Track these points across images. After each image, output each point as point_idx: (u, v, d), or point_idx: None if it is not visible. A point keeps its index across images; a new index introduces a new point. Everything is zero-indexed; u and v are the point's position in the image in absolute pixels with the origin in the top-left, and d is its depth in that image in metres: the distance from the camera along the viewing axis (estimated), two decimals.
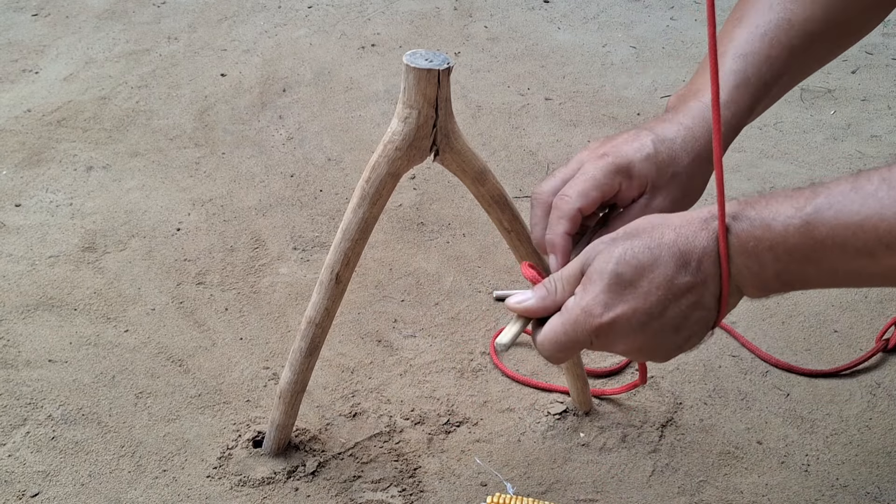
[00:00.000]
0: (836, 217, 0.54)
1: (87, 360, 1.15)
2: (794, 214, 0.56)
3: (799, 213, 0.56)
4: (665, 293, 0.60)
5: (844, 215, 0.54)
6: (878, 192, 0.53)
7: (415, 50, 0.78)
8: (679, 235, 0.60)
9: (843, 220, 0.54)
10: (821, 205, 0.55)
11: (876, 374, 1.17)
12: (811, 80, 2.01)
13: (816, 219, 0.55)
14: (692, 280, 0.60)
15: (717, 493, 1.00)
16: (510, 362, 1.18)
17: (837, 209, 0.54)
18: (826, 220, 0.55)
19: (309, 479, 0.99)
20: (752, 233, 0.58)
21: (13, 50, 2.01)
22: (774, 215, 0.57)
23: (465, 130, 1.75)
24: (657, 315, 0.61)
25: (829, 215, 0.55)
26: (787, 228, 0.56)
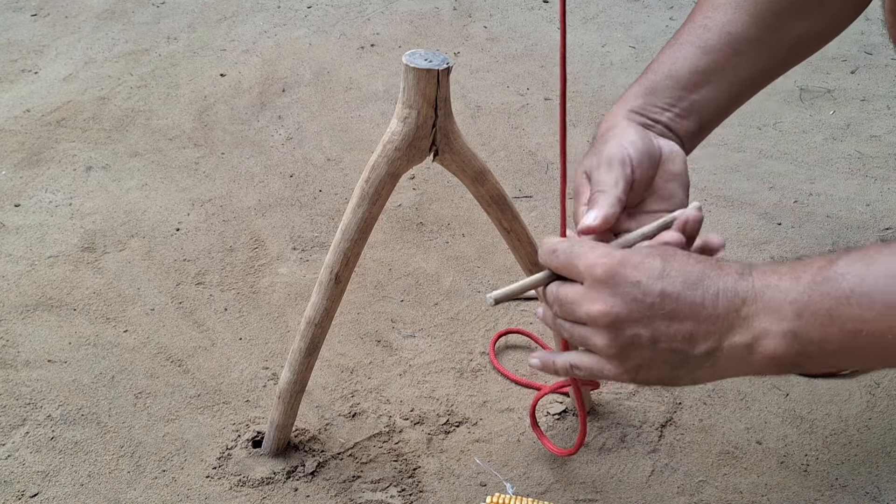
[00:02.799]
0: (867, 267, 0.52)
1: (86, 360, 1.15)
2: (825, 265, 0.54)
3: (829, 265, 0.54)
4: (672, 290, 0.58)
5: (876, 267, 0.52)
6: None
7: (414, 50, 0.78)
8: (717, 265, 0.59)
9: (874, 271, 0.52)
10: (852, 257, 0.54)
11: (875, 374, 1.17)
12: (811, 80, 2.02)
13: (846, 269, 0.53)
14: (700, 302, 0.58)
15: (717, 493, 1.00)
16: (509, 363, 1.18)
17: (869, 261, 0.53)
18: (856, 272, 0.53)
19: (308, 479, 0.99)
20: (778, 284, 0.55)
21: (12, 50, 2.01)
22: (805, 267, 0.55)
23: (465, 130, 1.75)
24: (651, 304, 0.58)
25: (860, 266, 0.53)
26: (815, 279, 0.54)
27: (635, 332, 0.59)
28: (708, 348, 0.58)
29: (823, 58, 2.15)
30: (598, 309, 0.60)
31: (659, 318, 0.58)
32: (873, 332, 0.52)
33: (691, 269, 0.59)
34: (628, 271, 0.59)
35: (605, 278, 0.60)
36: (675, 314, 0.58)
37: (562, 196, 0.75)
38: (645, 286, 0.58)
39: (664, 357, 0.60)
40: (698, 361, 0.59)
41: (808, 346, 0.55)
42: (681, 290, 0.58)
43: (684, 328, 0.58)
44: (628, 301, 0.59)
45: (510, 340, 1.22)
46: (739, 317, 0.56)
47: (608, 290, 0.60)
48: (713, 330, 0.57)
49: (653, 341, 0.59)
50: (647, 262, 0.59)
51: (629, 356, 0.61)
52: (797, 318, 0.54)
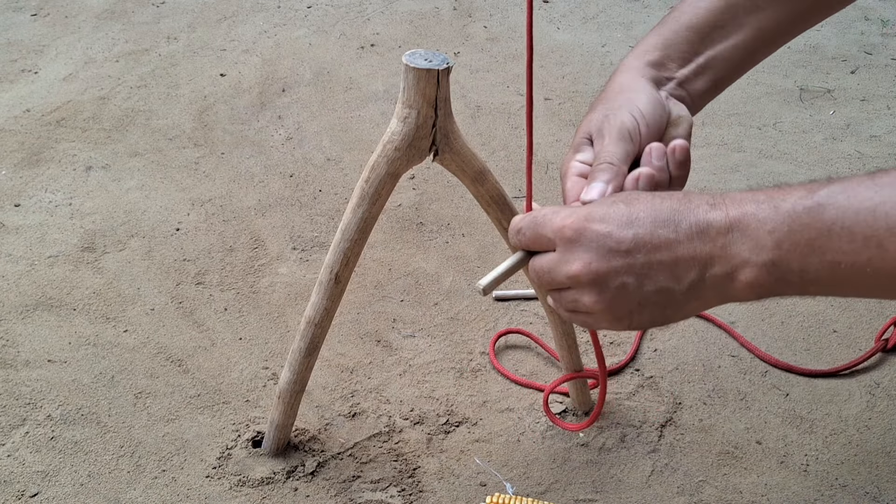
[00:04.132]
0: (849, 200, 0.52)
1: (86, 360, 1.15)
2: (806, 195, 0.54)
3: (810, 195, 0.53)
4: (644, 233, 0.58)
5: (857, 200, 0.51)
6: (893, 186, 0.51)
7: (414, 50, 0.78)
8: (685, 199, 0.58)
9: (856, 204, 0.51)
10: (834, 189, 0.53)
11: (875, 373, 1.17)
12: (811, 80, 2.02)
13: (827, 201, 0.52)
14: (673, 238, 0.57)
15: (717, 493, 1.00)
16: (509, 363, 1.18)
17: (850, 193, 0.52)
18: (838, 203, 0.52)
19: (308, 479, 0.99)
20: (756, 213, 0.55)
21: (12, 50, 2.01)
22: (784, 196, 0.55)
23: (465, 130, 1.75)
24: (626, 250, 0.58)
25: (842, 198, 0.52)
26: (795, 209, 0.53)
27: (620, 282, 0.59)
28: (691, 282, 0.58)
29: (823, 58, 2.15)
30: (577, 268, 0.60)
31: (639, 263, 0.58)
32: (853, 263, 0.52)
33: (658, 207, 0.58)
34: (596, 225, 0.59)
35: (575, 237, 0.60)
36: (653, 256, 0.58)
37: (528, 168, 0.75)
38: (616, 235, 0.58)
39: (653, 299, 0.59)
40: (685, 297, 0.59)
41: (787, 275, 0.55)
42: (652, 230, 0.57)
43: (665, 266, 0.58)
44: (604, 253, 0.59)
45: (510, 340, 1.22)
46: (717, 247, 0.56)
47: (582, 248, 0.59)
48: (693, 263, 0.57)
49: (639, 286, 0.59)
50: (612, 212, 0.59)
51: (619, 306, 0.60)
52: (777, 247, 0.54)
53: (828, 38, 2.26)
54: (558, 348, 1.02)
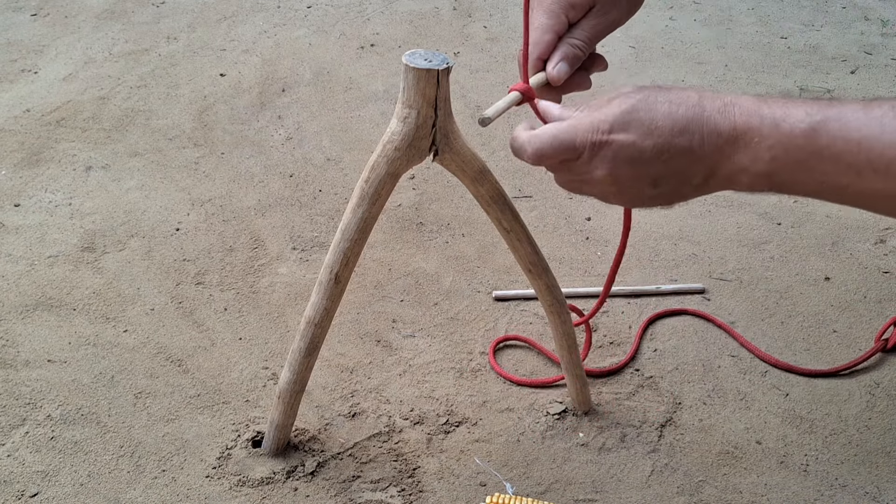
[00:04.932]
0: (840, 130, 0.57)
1: (86, 360, 1.15)
2: (804, 118, 0.59)
3: (808, 119, 0.59)
4: (663, 143, 0.63)
5: (847, 130, 0.57)
6: (883, 118, 0.56)
7: (414, 50, 0.78)
8: (700, 104, 0.63)
9: (844, 134, 0.57)
10: (830, 115, 0.58)
11: (875, 373, 1.17)
12: (811, 80, 2.02)
13: (822, 128, 0.58)
14: (688, 146, 0.63)
15: (717, 493, 1.00)
16: (509, 363, 1.18)
17: (843, 123, 0.57)
18: (831, 131, 0.58)
19: (308, 479, 0.99)
20: (760, 129, 0.61)
21: (12, 50, 2.01)
22: (785, 116, 0.60)
23: (465, 130, 1.75)
24: (647, 159, 0.64)
25: (835, 126, 0.58)
26: (793, 131, 0.59)
27: (638, 183, 0.66)
28: (698, 182, 0.65)
29: (823, 58, 2.15)
30: (602, 174, 0.67)
31: (656, 165, 0.65)
32: (835, 183, 0.59)
33: (675, 116, 0.63)
34: (620, 136, 0.65)
35: (602, 146, 0.66)
36: (670, 162, 0.64)
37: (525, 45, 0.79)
38: (639, 145, 0.64)
39: (664, 193, 0.67)
40: (691, 191, 0.67)
41: (779, 184, 0.62)
42: (670, 139, 0.63)
43: (679, 171, 0.65)
44: (627, 161, 0.65)
45: (509, 341, 1.22)
46: (723, 155, 0.63)
47: (608, 157, 0.66)
48: (701, 168, 0.64)
49: (654, 185, 0.66)
50: (634, 120, 0.64)
51: (635, 197, 0.68)
52: (772, 161, 0.61)
53: (828, 38, 2.26)
54: (558, 348, 1.02)
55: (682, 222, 1.49)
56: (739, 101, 0.63)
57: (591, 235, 1.45)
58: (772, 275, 1.37)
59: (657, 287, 1.32)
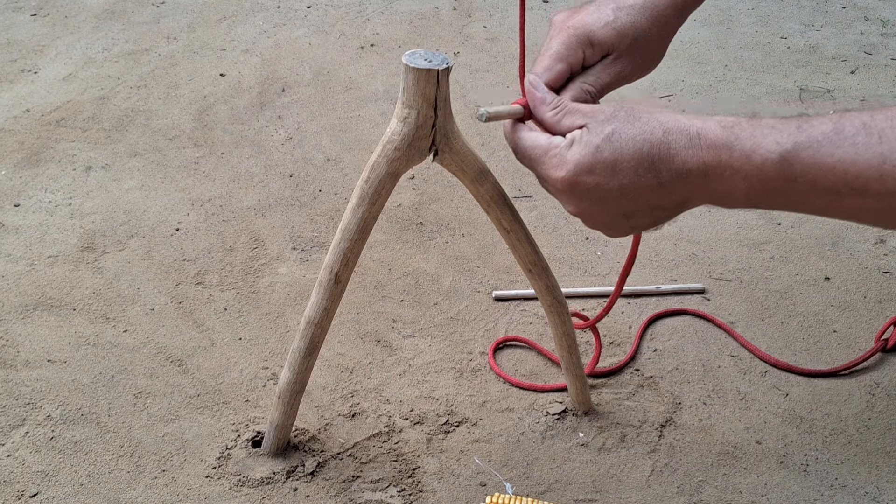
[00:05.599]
0: (812, 157, 0.57)
1: (86, 360, 1.15)
2: (774, 150, 0.59)
3: (778, 149, 0.58)
4: (629, 183, 0.64)
5: (820, 156, 0.57)
6: (855, 138, 0.56)
7: (414, 50, 0.78)
8: (665, 140, 0.63)
9: (818, 161, 0.57)
10: (801, 143, 0.58)
11: (875, 373, 1.17)
12: (811, 80, 2.02)
13: (794, 157, 0.58)
14: (656, 183, 0.64)
15: (716, 493, 1.00)
16: (509, 363, 1.18)
17: (815, 150, 0.57)
18: (802, 160, 0.58)
19: (308, 479, 0.99)
20: (730, 163, 0.61)
21: (12, 50, 2.01)
22: (755, 147, 0.59)
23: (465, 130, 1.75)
24: (615, 198, 0.65)
25: (807, 155, 0.57)
26: (765, 163, 0.59)
27: (609, 219, 0.68)
28: (676, 207, 0.66)
29: (823, 58, 2.15)
30: (571, 210, 0.69)
31: (625, 203, 0.66)
32: (815, 206, 0.60)
33: (640, 155, 0.63)
34: (584, 178, 0.65)
35: (567, 190, 0.67)
36: (640, 199, 0.65)
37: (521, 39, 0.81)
38: (604, 187, 0.65)
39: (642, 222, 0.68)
40: (670, 215, 0.68)
41: (758, 204, 0.63)
42: (636, 178, 0.64)
43: (650, 205, 0.66)
44: (594, 201, 0.67)
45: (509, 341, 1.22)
46: (695, 187, 0.63)
47: (574, 197, 0.67)
48: (674, 199, 0.65)
49: (627, 217, 0.68)
50: (598, 163, 0.65)
51: (611, 230, 0.70)
52: (749, 190, 0.61)
53: (827, 38, 2.26)
54: (558, 348, 1.02)
55: (682, 222, 1.49)
56: (706, 131, 0.62)
57: (591, 235, 1.45)
58: (772, 275, 1.37)
59: (657, 287, 1.32)
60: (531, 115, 0.75)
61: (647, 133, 0.63)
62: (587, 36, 0.76)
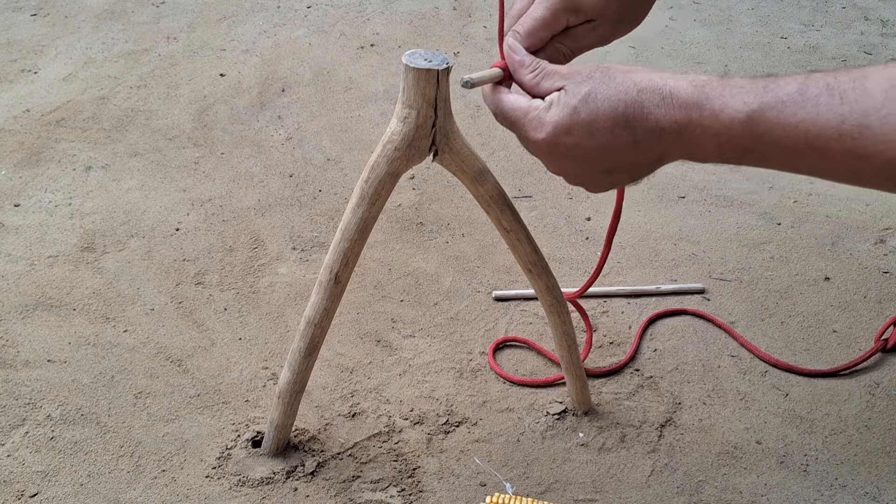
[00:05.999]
0: (777, 117, 0.59)
1: (86, 360, 1.15)
2: (741, 109, 0.60)
3: (745, 108, 0.60)
4: (606, 141, 0.66)
5: (784, 116, 0.59)
6: (818, 98, 0.57)
7: (414, 50, 0.78)
8: (638, 100, 0.65)
9: (782, 120, 0.59)
10: (766, 103, 0.60)
11: (875, 373, 1.17)
12: None
13: (759, 117, 0.60)
14: (631, 140, 0.66)
15: (716, 493, 1.00)
16: (509, 363, 1.18)
17: (779, 110, 0.59)
18: (767, 119, 0.59)
19: (308, 479, 0.99)
20: (700, 122, 0.62)
21: (12, 50, 2.01)
22: (723, 107, 0.61)
23: (465, 130, 1.75)
24: (594, 157, 0.67)
25: (771, 115, 0.59)
26: (732, 122, 0.61)
27: (589, 175, 0.70)
28: (650, 163, 0.68)
29: (823, 58, 2.15)
30: (553, 169, 0.72)
31: (604, 160, 0.68)
32: (781, 164, 0.62)
33: (616, 114, 0.65)
34: (563, 139, 0.67)
35: (548, 150, 0.69)
36: (617, 155, 0.67)
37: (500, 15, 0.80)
38: (583, 146, 0.67)
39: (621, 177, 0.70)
40: (647, 170, 0.70)
41: (729, 159, 0.65)
42: (612, 138, 0.66)
43: (627, 161, 0.68)
44: (574, 160, 0.69)
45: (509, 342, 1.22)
46: (668, 146, 0.65)
47: (555, 157, 0.69)
48: (649, 156, 0.67)
49: (607, 173, 0.70)
50: (576, 124, 0.67)
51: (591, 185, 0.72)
52: (718, 148, 0.63)
53: (827, 38, 2.26)
54: (558, 348, 1.02)
55: (682, 222, 1.50)
56: (678, 90, 0.64)
57: (590, 235, 1.45)
58: (772, 275, 1.37)
59: (657, 287, 1.32)
60: (510, 77, 0.76)
61: (621, 93, 0.65)
62: (574, 3, 0.78)
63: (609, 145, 0.66)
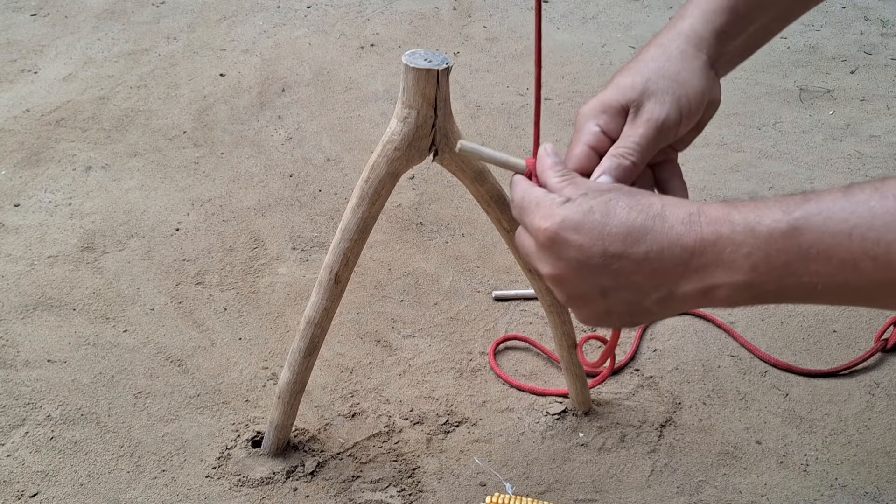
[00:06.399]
0: (825, 223, 0.51)
1: (85, 360, 1.15)
2: (782, 218, 0.53)
3: (786, 217, 0.53)
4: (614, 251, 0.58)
5: (833, 222, 0.51)
6: (869, 201, 0.51)
7: (414, 50, 0.78)
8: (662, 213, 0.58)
9: (832, 227, 0.51)
10: (810, 210, 0.52)
11: (875, 373, 1.17)
12: (811, 80, 2.01)
13: (804, 224, 0.52)
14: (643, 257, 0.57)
15: (716, 493, 1.00)
16: (509, 363, 1.18)
17: (826, 215, 0.52)
18: (814, 227, 0.52)
19: (308, 479, 0.99)
20: (732, 237, 0.54)
21: (12, 50, 2.01)
22: (760, 219, 0.54)
23: (465, 130, 1.75)
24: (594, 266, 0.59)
25: (818, 221, 0.52)
26: (772, 233, 0.53)
27: (584, 291, 0.61)
28: (660, 297, 0.58)
29: (823, 58, 2.15)
30: (546, 271, 0.62)
31: (605, 276, 0.59)
32: (828, 284, 0.52)
33: (633, 223, 0.58)
34: (569, 235, 0.59)
35: (549, 244, 0.61)
36: (621, 271, 0.58)
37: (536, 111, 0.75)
38: (587, 249, 0.59)
39: (618, 308, 0.61)
40: (653, 307, 0.59)
41: (763, 294, 0.55)
42: (623, 249, 0.58)
43: (632, 282, 0.58)
44: (573, 264, 0.60)
45: (509, 341, 1.22)
46: (689, 269, 0.56)
47: (553, 255, 0.61)
48: (663, 282, 0.57)
49: (603, 296, 0.60)
50: (586, 222, 0.59)
51: (584, 308, 0.62)
52: (752, 270, 0.54)
53: (827, 38, 2.26)
54: (558, 348, 1.02)
55: None
56: (706, 209, 0.56)
57: None
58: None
59: None
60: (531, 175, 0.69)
61: (644, 204, 0.58)
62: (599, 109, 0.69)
63: (614, 255, 0.58)
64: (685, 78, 0.69)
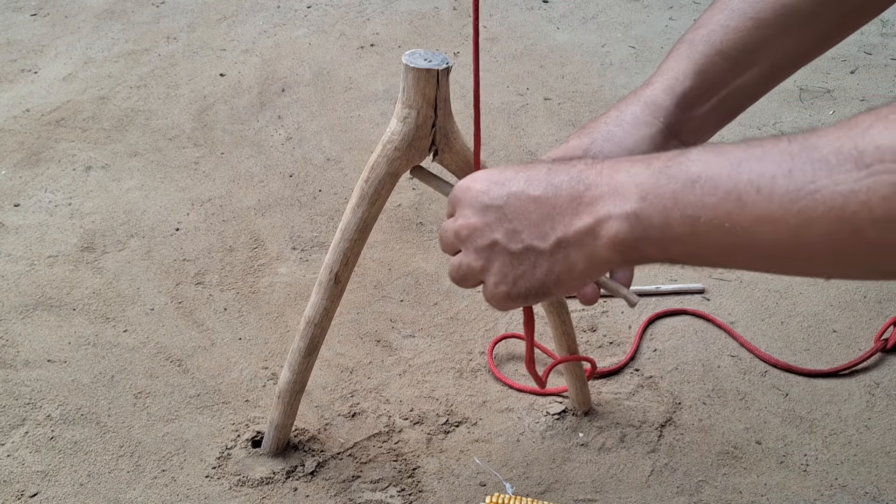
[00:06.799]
0: (717, 157, 0.51)
1: (85, 360, 1.15)
2: (677, 154, 0.53)
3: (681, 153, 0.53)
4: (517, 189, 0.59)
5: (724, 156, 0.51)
6: (763, 143, 0.50)
7: (414, 50, 0.78)
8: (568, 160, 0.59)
9: (721, 159, 0.51)
10: (707, 147, 0.52)
11: (875, 373, 1.17)
12: (811, 80, 2.01)
13: (697, 157, 0.52)
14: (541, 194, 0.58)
15: (716, 493, 1.00)
16: (509, 364, 1.18)
17: (720, 150, 0.51)
18: (705, 158, 0.51)
19: (308, 479, 0.99)
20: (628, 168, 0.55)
21: (12, 50, 2.01)
22: (658, 156, 0.54)
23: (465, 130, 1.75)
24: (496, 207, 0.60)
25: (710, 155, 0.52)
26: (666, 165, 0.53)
27: (491, 238, 0.61)
28: (557, 239, 0.58)
29: (823, 58, 2.14)
30: (459, 224, 0.63)
31: (508, 219, 0.60)
32: (711, 218, 0.51)
33: (539, 168, 0.59)
34: (476, 183, 0.62)
35: (460, 194, 0.63)
36: (522, 211, 0.59)
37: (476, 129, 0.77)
38: (493, 192, 0.60)
39: (521, 259, 0.60)
40: (552, 257, 0.59)
41: (649, 229, 0.54)
42: (524, 187, 0.59)
43: (531, 220, 0.59)
44: (480, 209, 0.61)
45: (510, 341, 1.22)
46: (583, 202, 0.56)
47: (465, 206, 0.62)
48: (559, 218, 0.57)
49: (507, 241, 0.60)
50: (493, 173, 0.61)
51: (493, 265, 0.62)
52: (641, 199, 0.53)
53: None
54: (557, 348, 1.02)
55: None
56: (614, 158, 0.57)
57: None
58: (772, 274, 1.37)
59: (657, 287, 1.32)
60: None
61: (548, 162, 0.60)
62: None
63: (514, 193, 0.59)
64: (629, 145, 0.70)
